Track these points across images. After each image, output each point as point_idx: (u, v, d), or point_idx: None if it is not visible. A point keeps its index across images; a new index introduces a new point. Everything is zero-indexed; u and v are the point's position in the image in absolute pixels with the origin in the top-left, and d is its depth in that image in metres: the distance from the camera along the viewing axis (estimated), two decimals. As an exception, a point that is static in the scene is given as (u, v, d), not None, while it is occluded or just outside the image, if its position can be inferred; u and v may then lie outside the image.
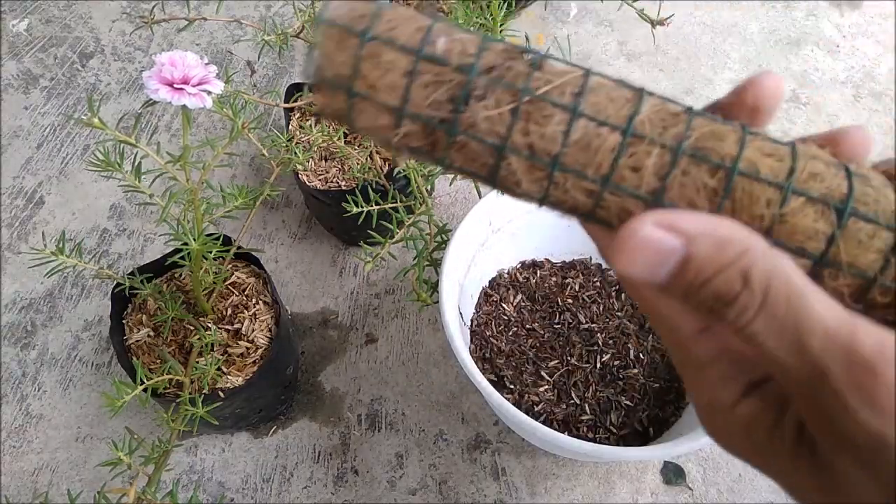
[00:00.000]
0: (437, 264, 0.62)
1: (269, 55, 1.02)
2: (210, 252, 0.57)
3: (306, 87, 0.76)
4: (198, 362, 0.60)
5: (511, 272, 0.75)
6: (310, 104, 0.76)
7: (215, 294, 0.65)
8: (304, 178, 0.76)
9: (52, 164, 0.91)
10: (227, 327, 0.64)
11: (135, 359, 0.61)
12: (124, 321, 0.65)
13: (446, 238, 0.63)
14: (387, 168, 0.75)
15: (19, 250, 0.83)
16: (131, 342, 0.63)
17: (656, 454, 0.54)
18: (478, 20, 0.60)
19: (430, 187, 0.82)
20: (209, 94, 0.43)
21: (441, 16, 0.20)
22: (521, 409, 0.58)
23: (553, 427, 0.65)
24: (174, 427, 0.53)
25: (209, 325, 0.63)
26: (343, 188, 0.75)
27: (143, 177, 0.52)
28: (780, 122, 0.97)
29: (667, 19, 0.64)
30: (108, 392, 0.49)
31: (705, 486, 0.68)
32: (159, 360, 0.62)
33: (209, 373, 0.58)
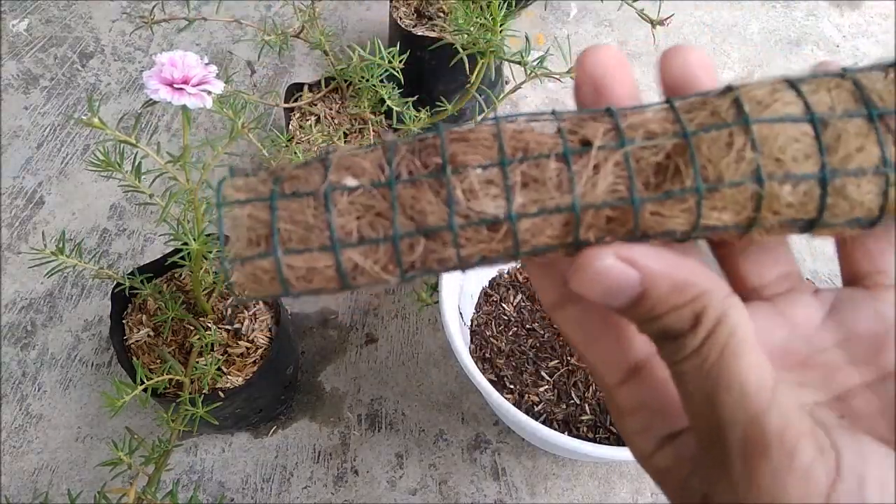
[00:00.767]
0: (437, 264, 0.62)
1: (269, 55, 1.02)
2: (210, 252, 0.57)
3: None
4: (198, 362, 0.60)
5: (511, 272, 0.75)
6: (311, 104, 0.76)
7: (215, 294, 0.65)
8: (304, 178, 0.75)
9: (52, 164, 0.91)
10: (227, 327, 0.64)
11: (135, 359, 0.61)
12: (124, 321, 0.65)
13: (446, 238, 0.63)
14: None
15: (19, 250, 0.83)
16: (131, 342, 0.63)
17: (656, 454, 0.54)
18: (478, 20, 0.60)
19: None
20: (209, 94, 0.43)
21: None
22: (521, 409, 0.58)
23: (553, 427, 0.65)
24: (174, 427, 0.54)
25: (209, 325, 0.63)
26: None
27: (143, 177, 0.52)
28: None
29: (667, 19, 0.64)
30: (108, 392, 0.49)
31: (705, 486, 0.68)
32: (159, 360, 0.62)
33: (209, 373, 0.58)
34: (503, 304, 0.73)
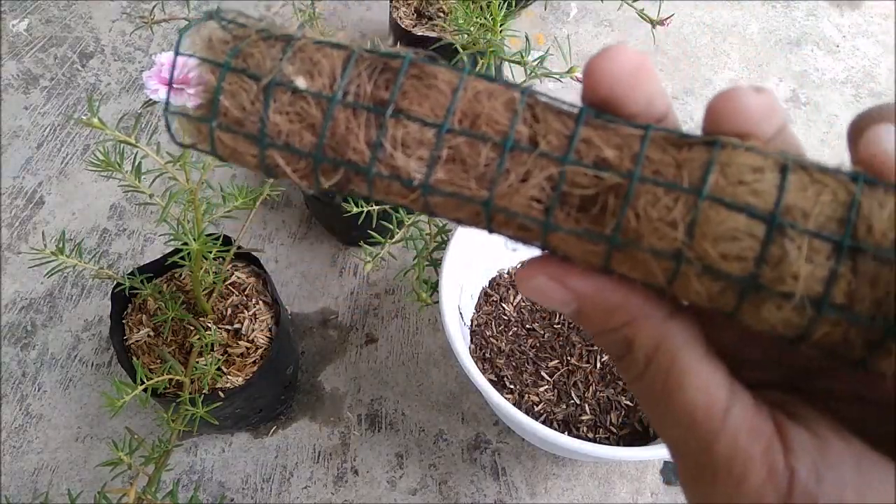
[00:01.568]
0: (437, 264, 0.62)
1: (269, 55, 1.01)
2: (210, 252, 0.57)
3: None
4: (198, 362, 0.60)
5: (511, 272, 0.75)
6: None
7: (215, 294, 0.65)
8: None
9: (52, 164, 0.91)
10: (227, 327, 0.64)
11: (135, 359, 0.61)
12: (124, 321, 0.65)
13: (446, 238, 0.63)
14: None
15: (19, 250, 0.83)
16: (131, 342, 0.63)
17: (656, 454, 0.54)
18: (478, 20, 0.60)
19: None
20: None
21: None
22: (521, 409, 0.58)
23: (553, 427, 0.65)
24: (174, 427, 0.54)
25: (209, 325, 0.63)
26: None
27: (143, 177, 0.52)
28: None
29: (667, 19, 0.64)
30: (108, 392, 0.49)
31: (705, 486, 0.68)
32: (159, 360, 0.62)
33: (209, 373, 0.58)
34: (503, 304, 0.73)
